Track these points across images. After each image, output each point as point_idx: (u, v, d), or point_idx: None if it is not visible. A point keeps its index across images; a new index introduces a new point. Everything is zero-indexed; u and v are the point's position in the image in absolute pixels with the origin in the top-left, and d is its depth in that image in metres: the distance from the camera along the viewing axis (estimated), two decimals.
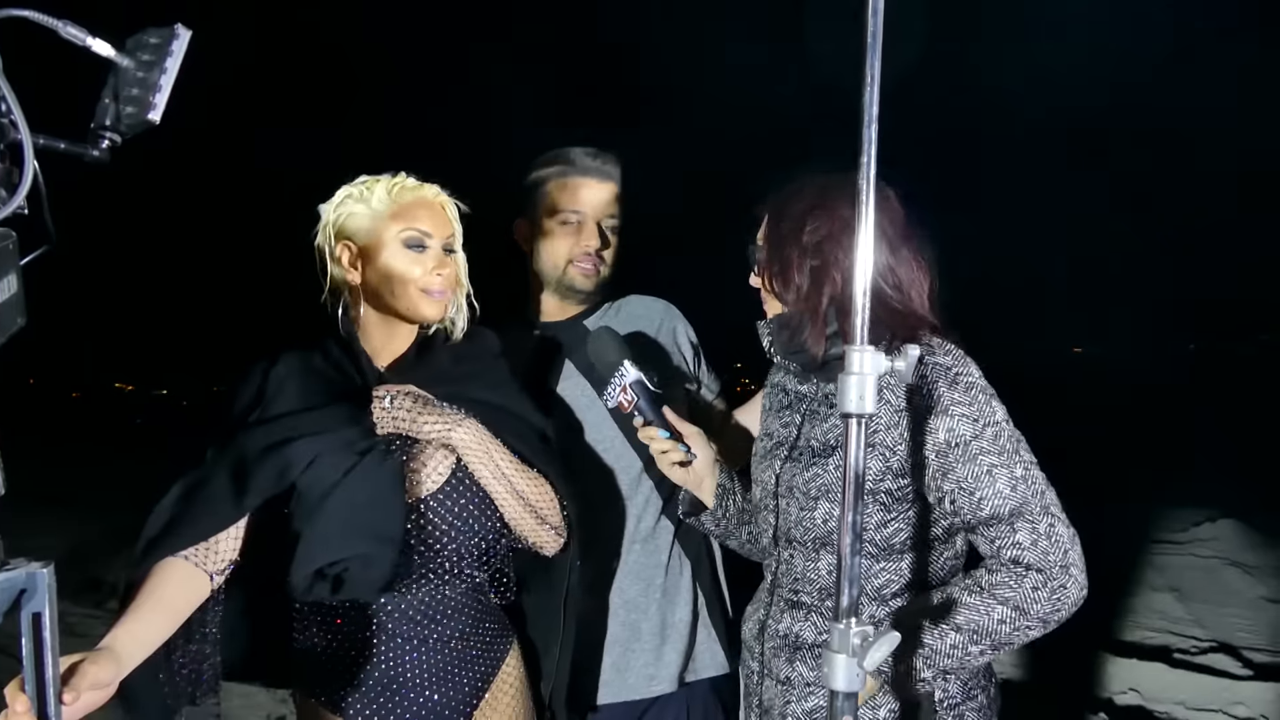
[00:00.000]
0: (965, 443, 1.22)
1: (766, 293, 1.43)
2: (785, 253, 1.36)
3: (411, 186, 1.43)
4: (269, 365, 1.41)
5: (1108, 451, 9.84)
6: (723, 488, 1.57)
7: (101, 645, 1.09)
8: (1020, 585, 1.18)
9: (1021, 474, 1.21)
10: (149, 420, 28.03)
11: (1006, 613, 1.19)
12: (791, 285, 1.36)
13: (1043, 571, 1.17)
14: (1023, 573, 1.18)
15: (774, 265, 1.38)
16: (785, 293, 1.37)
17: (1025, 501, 1.20)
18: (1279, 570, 5.26)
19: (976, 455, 1.21)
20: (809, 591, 1.36)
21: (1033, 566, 1.18)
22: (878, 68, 0.84)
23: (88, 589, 5.36)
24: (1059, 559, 1.17)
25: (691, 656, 1.75)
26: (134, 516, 1.32)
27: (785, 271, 1.36)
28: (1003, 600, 1.19)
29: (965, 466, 1.22)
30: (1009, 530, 1.19)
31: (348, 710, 1.34)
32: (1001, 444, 1.22)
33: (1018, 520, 1.19)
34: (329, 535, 1.26)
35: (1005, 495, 1.20)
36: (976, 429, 1.22)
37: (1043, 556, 1.17)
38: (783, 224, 1.38)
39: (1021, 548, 1.18)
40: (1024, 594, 1.18)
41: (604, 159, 1.75)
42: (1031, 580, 1.18)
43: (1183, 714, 3.44)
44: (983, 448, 1.21)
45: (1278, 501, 7.08)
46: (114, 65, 0.76)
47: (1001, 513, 1.20)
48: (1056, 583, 1.17)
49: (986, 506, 1.20)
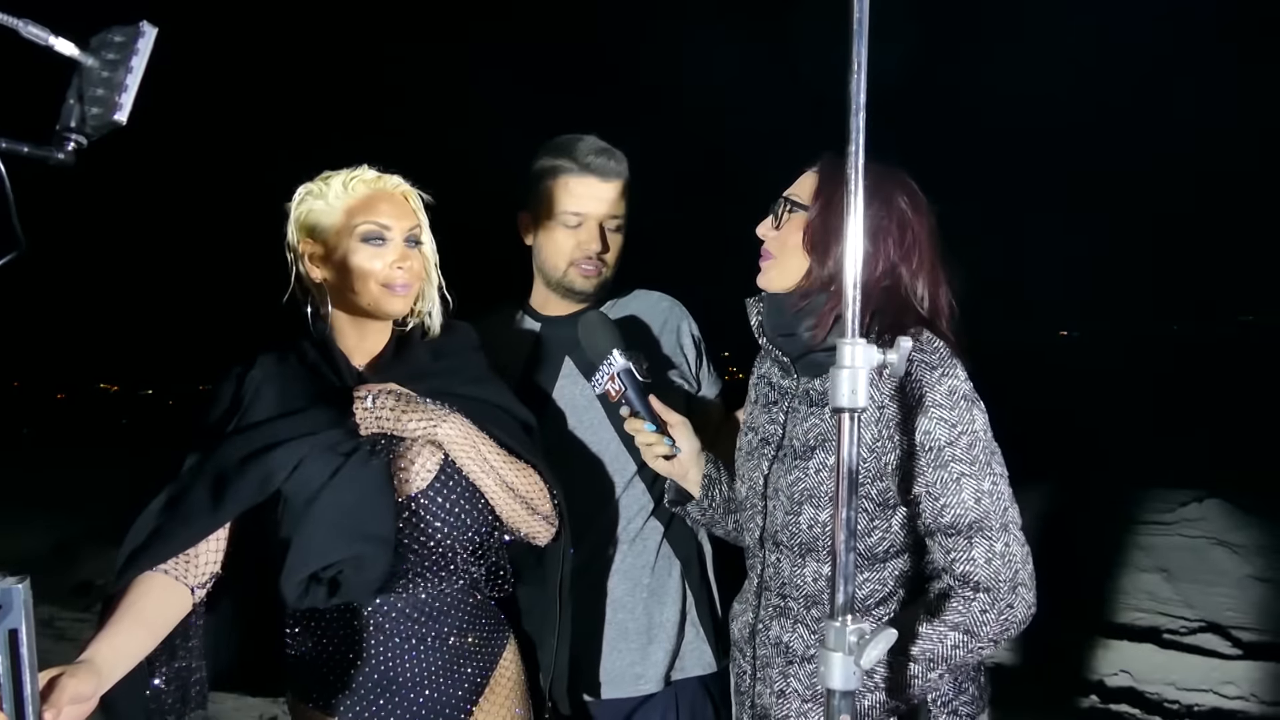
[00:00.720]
0: (939, 448, 1.21)
1: (788, 251, 1.36)
2: (837, 223, 1.28)
3: (369, 179, 1.39)
4: (244, 370, 1.39)
5: (1093, 432, 9.90)
6: (709, 478, 1.56)
7: (82, 658, 1.07)
8: (969, 609, 1.19)
9: (988, 487, 1.21)
10: (135, 421, 27.91)
11: (958, 638, 1.20)
12: (831, 257, 1.31)
13: (990, 592, 1.18)
14: (971, 596, 1.19)
15: (820, 231, 1.32)
16: (823, 261, 1.32)
17: (986, 515, 1.20)
18: (1265, 549, 5.30)
19: (948, 462, 1.20)
20: (795, 598, 1.35)
21: (982, 586, 1.19)
22: (864, 55, 0.83)
23: (76, 593, 5.32)
24: (1009, 578, 1.19)
25: (679, 656, 1.73)
26: (122, 518, 1.30)
27: (830, 242, 1.31)
28: (953, 626, 1.20)
29: (935, 471, 1.21)
30: (966, 544, 1.20)
31: (345, 714, 1.32)
32: (975, 454, 1.21)
33: (976, 535, 1.19)
34: (319, 539, 1.23)
35: (968, 506, 1.20)
36: (952, 435, 1.21)
37: (994, 576, 1.18)
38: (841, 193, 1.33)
39: (975, 564, 1.19)
40: (973, 617, 1.19)
41: (609, 155, 1.69)
42: (980, 603, 1.19)
43: (1173, 694, 3.46)
44: (955, 455, 1.20)
45: (1262, 480, 7.16)
46: (78, 65, 0.73)
47: (961, 524, 1.20)
48: (1004, 603, 1.18)
49: (948, 514, 1.20)
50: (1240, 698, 3.40)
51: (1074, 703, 3.42)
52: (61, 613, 4.80)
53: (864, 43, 0.83)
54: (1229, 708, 3.34)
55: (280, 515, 1.26)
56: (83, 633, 4.51)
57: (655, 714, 1.71)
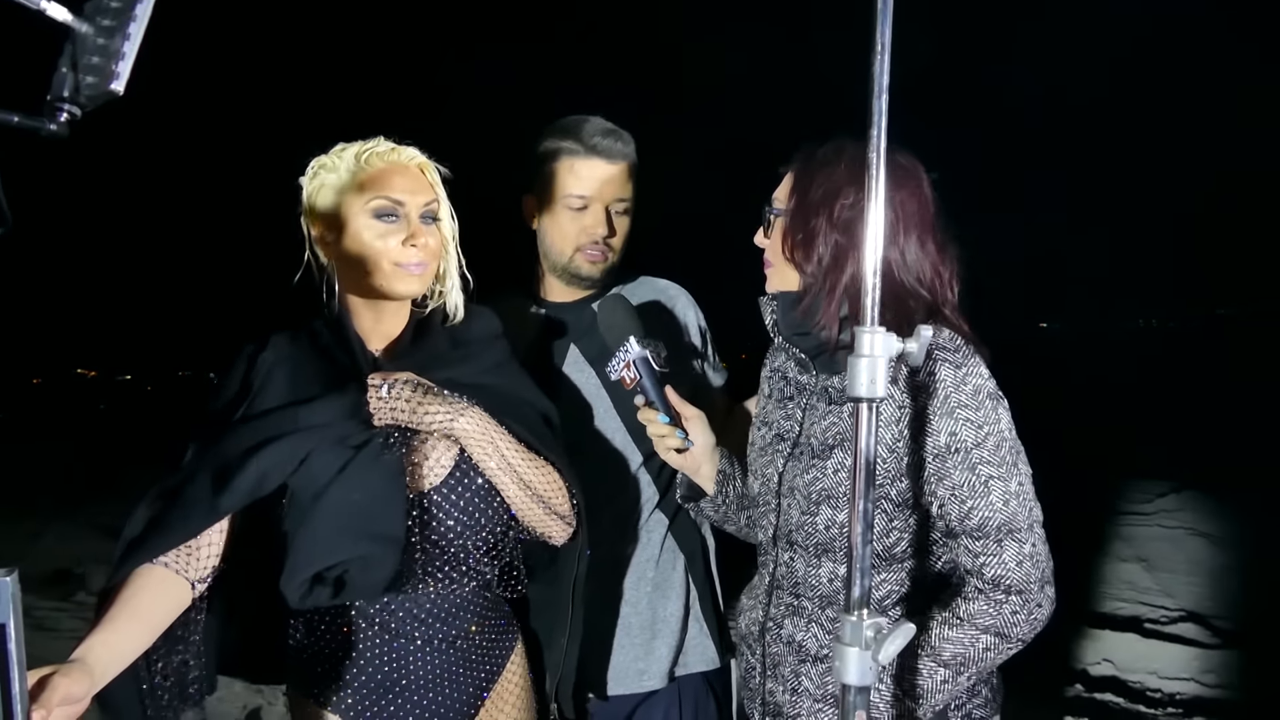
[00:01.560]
0: (967, 449, 1.18)
1: (779, 259, 1.35)
2: (812, 223, 1.28)
3: (383, 151, 1.30)
4: (256, 352, 1.31)
5: (1073, 424, 9.98)
6: (723, 474, 1.52)
7: (74, 656, 1.01)
8: (1000, 611, 1.17)
9: (1015, 489, 1.18)
10: (113, 406, 27.62)
11: (990, 640, 1.18)
12: (813, 257, 1.28)
13: (1023, 594, 1.17)
14: (1002, 598, 1.17)
15: (798, 233, 1.30)
16: (805, 264, 1.29)
17: (1014, 516, 1.17)
18: (1240, 540, 5.38)
19: (976, 464, 1.18)
20: (810, 597, 1.33)
21: (1014, 589, 1.17)
22: (888, 36, 0.80)
23: (54, 581, 5.24)
24: (1039, 579, 1.17)
25: (682, 651, 1.71)
26: (100, 505, 1.26)
27: (810, 242, 1.28)
28: (985, 629, 1.18)
29: (962, 473, 1.18)
30: (996, 547, 1.17)
31: (347, 712, 1.27)
32: (1002, 455, 1.18)
33: (1005, 538, 1.17)
34: (325, 538, 1.18)
35: (997, 508, 1.17)
36: (979, 436, 1.18)
37: (1025, 578, 1.17)
38: (813, 191, 1.29)
39: (1006, 567, 1.17)
40: (1004, 619, 1.17)
41: (616, 136, 1.64)
42: (1011, 605, 1.17)
43: (1155, 683, 3.49)
44: (983, 457, 1.18)
45: (1237, 471, 7.26)
46: (72, 31, 0.69)
47: (989, 526, 1.17)
48: (1034, 603, 1.17)
49: (976, 516, 1.18)
50: (1220, 686, 3.44)
51: (1060, 692, 3.45)
52: (39, 601, 4.73)
53: (888, 24, 0.81)
54: (1209, 696, 3.38)
55: (286, 509, 1.21)
56: (61, 621, 4.46)
57: (659, 710, 1.68)
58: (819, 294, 1.29)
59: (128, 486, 8.78)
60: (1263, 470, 7.24)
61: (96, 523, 6.70)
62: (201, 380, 48.32)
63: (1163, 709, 3.29)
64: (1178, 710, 3.27)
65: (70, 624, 4.35)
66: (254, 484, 1.17)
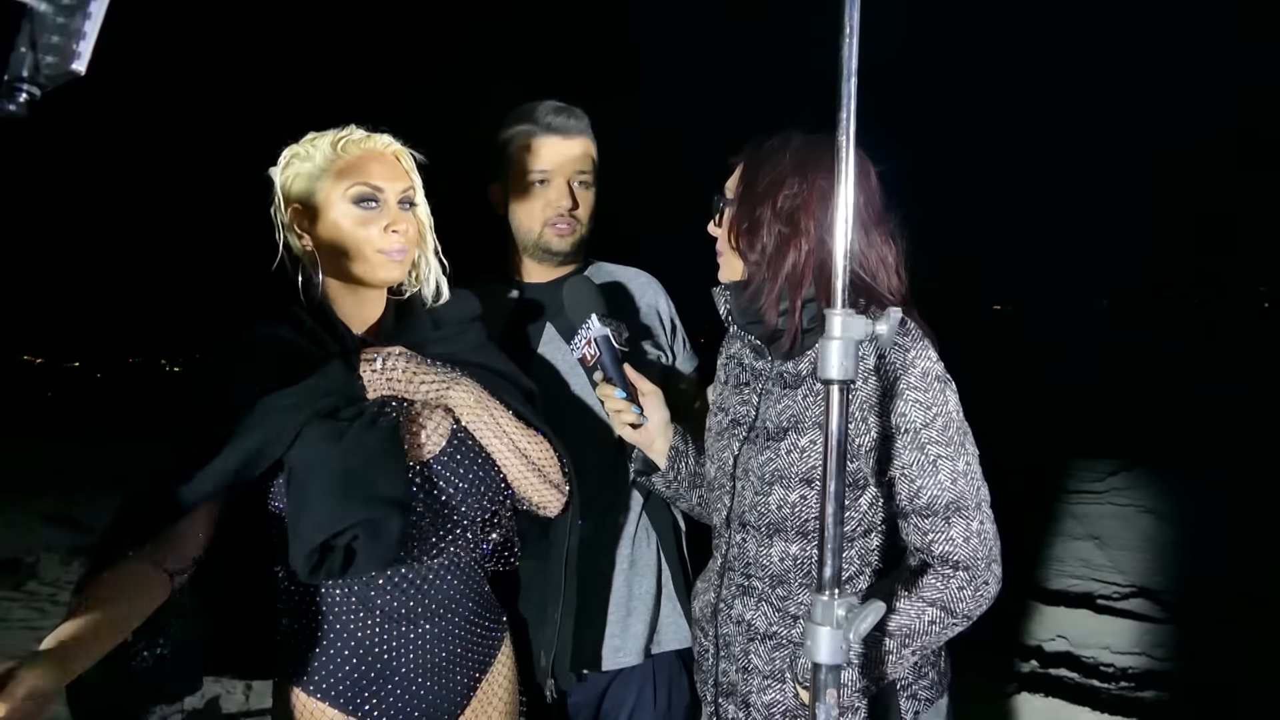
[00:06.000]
0: (915, 430, 1.20)
1: (727, 248, 1.38)
2: (756, 212, 1.31)
3: (358, 139, 1.31)
4: (235, 341, 1.30)
5: (1027, 404, 10.19)
6: (676, 450, 1.55)
7: (42, 648, 0.97)
8: (947, 586, 1.20)
9: (963, 468, 1.21)
10: (61, 394, 26.95)
11: (936, 614, 1.21)
12: (757, 246, 1.31)
13: (970, 570, 1.20)
14: (950, 573, 1.20)
15: (743, 223, 1.33)
16: (749, 253, 1.33)
17: (962, 495, 1.20)
18: (1187, 516, 5.55)
19: (924, 444, 1.20)
20: (760, 577, 1.35)
21: (961, 565, 1.20)
22: (856, 18, 0.81)
23: (4, 570, 5.13)
24: (985, 556, 1.20)
25: (656, 629, 1.73)
26: (49, 493, 1.22)
27: (754, 231, 1.31)
28: (931, 602, 1.21)
29: (911, 453, 1.21)
30: (944, 525, 1.20)
31: (337, 699, 1.26)
32: (950, 435, 1.21)
33: (953, 515, 1.20)
34: (329, 506, 1.15)
35: (945, 487, 1.20)
36: (928, 417, 1.20)
37: (972, 554, 1.19)
38: (758, 182, 1.32)
39: (954, 543, 1.20)
40: (950, 594, 1.20)
41: (569, 113, 1.69)
42: (958, 580, 1.20)
43: (1108, 658, 3.59)
44: (931, 437, 1.20)
45: (1185, 449, 7.48)
46: (29, 10, 0.67)
47: (938, 505, 1.20)
48: (980, 579, 1.20)
49: (924, 495, 1.21)
50: (1170, 659, 3.54)
51: (1015, 667, 3.53)
52: None
53: (856, 6, 0.81)
54: (1160, 670, 3.47)
55: (285, 486, 1.19)
56: (11, 611, 4.36)
57: (632, 686, 1.71)
58: (762, 282, 1.32)
59: (78, 475, 8.58)
60: (1210, 449, 7.48)
61: (46, 511, 6.57)
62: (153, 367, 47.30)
63: (1115, 683, 3.38)
64: (1130, 684, 3.36)
65: (21, 613, 4.26)
66: (244, 461, 1.15)
